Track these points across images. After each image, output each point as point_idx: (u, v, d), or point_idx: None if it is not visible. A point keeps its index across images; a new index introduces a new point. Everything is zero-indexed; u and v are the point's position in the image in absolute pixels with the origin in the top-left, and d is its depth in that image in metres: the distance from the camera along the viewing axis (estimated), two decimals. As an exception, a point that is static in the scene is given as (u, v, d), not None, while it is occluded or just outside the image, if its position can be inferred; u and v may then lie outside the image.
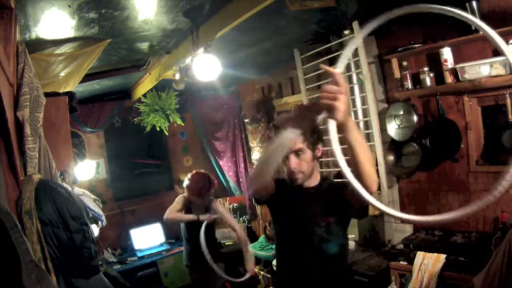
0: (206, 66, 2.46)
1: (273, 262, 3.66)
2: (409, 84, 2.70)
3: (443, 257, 2.30)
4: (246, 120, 4.53)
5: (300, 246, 1.63)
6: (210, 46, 2.36)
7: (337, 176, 3.20)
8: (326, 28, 2.85)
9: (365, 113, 2.90)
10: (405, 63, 2.69)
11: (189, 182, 3.15)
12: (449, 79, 2.44)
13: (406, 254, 2.55)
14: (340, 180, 1.66)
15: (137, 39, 2.50)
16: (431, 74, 2.58)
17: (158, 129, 4.32)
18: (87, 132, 4.42)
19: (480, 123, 2.53)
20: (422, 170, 2.82)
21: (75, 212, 1.27)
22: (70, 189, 1.60)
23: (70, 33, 2.13)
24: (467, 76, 2.33)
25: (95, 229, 2.47)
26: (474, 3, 2.20)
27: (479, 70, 2.27)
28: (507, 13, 2.20)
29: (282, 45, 3.15)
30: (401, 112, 2.77)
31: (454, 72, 2.42)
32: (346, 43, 2.84)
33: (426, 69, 2.58)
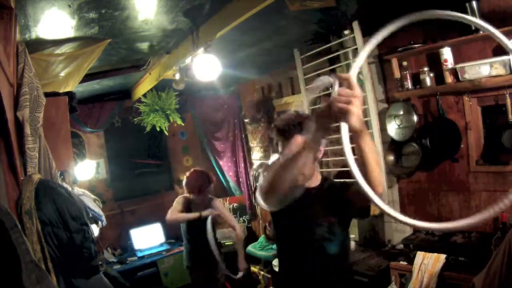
0: (206, 66, 2.46)
1: (273, 262, 3.66)
2: (409, 84, 2.70)
3: (443, 257, 2.30)
4: (246, 120, 4.53)
5: (302, 247, 1.63)
6: (210, 46, 2.36)
7: (337, 176, 3.20)
8: (326, 28, 2.85)
9: (365, 113, 2.90)
10: (405, 63, 2.69)
11: (188, 180, 3.17)
12: (449, 79, 2.44)
13: (406, 254, 2.55)
14: (341, 180, 1.66)
15: (137, 39, 2.50)
16: (431, 74, 2.58)
17: (158, 129, 4.32)
18: (87, 132, 4.42)
19: (480, 123, 2.53)
20: (422, 170, 2.82)
21: (75, 212, 1.27)
22: (70, 189, 1.60)
23: (70, 33, 2.13)
24: (467, 76, 2.33)
25: (95, 229, 2.47)
26: (474, 3, 2.20)
27: (479, 70, 2.27)
28: (507, 13, 2.20)
29: (282, 45, 3.15)
30: (401, 112, 2.77)
31: (454, 72, 2.42)
32: (346, 43, 2.84)
33: (426, 69, 2.58)
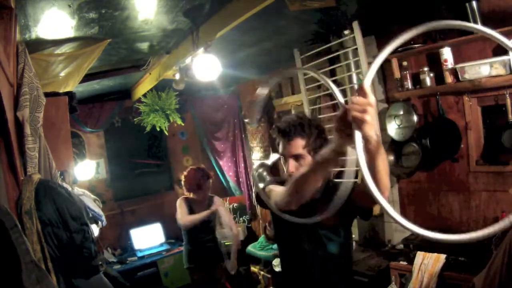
0: (206, 66, 2.46)
1: (273, 262, 3.66)
2: (409, 84, 2.70)
3: (443, 257, 2.30)
4: (246, 120, 4.53)
5: (304, 247, 1.63)
6: (210, 46, 2.36)
7: (338, 176, 3.20)
8: (326, 28, 2.85)
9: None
10: (405, 63, 2.69)
11: (186, 179, 3.18)
12: (449, 79, 2.44)
13: (406, 254, 2.55)
14: (344, 181, 1.65)
15: (137, 39, 2.50)
16: (431, 74, 2.58)
17: (158, 129, 4.32)
18: (87, 132, 4.42)
19: (480, 123, 2.53)
20: (422, 170, 2.82)
21: (75, 212, 1.27)
22: (70, 189, 1.60)
23: (70, 33, 2.12)
24: (467, 76, 2.33)
25: (95, 229, 2.47)
26: (474, 3, 2.20)
27: (479, 70, 2.27)
28: (507, 13, 2.19)
29: (282, 45, 3.15)
30: (401, 112, 2.77)
31: (454, 72, 2.42)
32: (346, 43, 2.84)
33: (426, 69, 2.58)
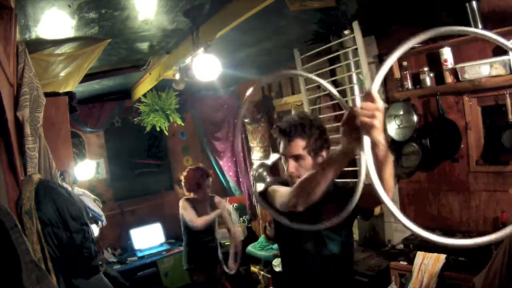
0: (206, 66, 2.46)
1: (273, 262, 3.66)
2: (409, 84, 2.70)
3: (443, 257, 2.30)
4: (246, 120, 4.53)
5: (305, 247, 1.62)
6: (210, 46, 2.36)
7: (338, 176, 3.19)
8: (326, 28, 2.85)
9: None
10: (405, 63, 2.69)
11: (186, 179, 3.19)
12: (449, 79, 2.44)
13: (406, 254, 2.55)
14: (345, 181, 1.65)
15: (137, 39, 2.50)
16: (431, 74, 2.57)
17: (158, 129, 4.32)
18: (87, 132, 4.42)
19: (480, 123, 2.53)
20: (422, 170, 2.82)
21: (75, 212, 1.27)
22: (70, 189, 1.60)
23: (70, 33, 2.12)
24: (467, 76, 2.33)
25: (95, 229, 2.47)
26: (474, 3, 2.20)
27: (479, 70, 2.27)
28: (507, 13, 2.19)
29: (282, 45, 3.15)
30: (401, 112, 2.77)
31: (454, 72, 2.41)
32: (346, 43, 2.84)
33: (426, 69, 2.58)
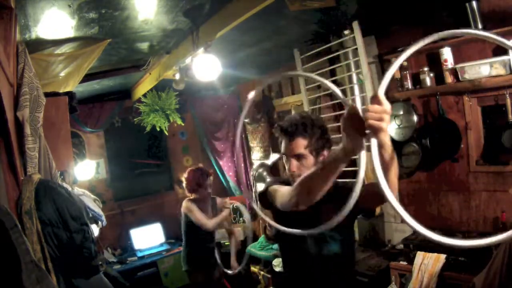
0: (206, 66, 2.46)
1: (273, 262, 3.66)
2: (409, 84, 2.70)
3: (443, 257, 2.30)
4: (246, 120, 4.53)
5: (307, 248, 1.62)
6: (210, 46, 2.36)
7: (339, 176, 3.20)
8: (326, 28, 2.85)
9: (365, 113, 2.90)
10: (405, 63, 2.69)
11: (187, 181, 3.20)
12: (449, 79, 2.44)
13: (406, 254, 2.55)
14: (347, 180, 1.65)
15: (137, 39, 2.50)
16: (431, 74, 2.58)
17: (158, 129, 4.32)
18: (87, 132, 4.42)
19: (480, 123, 2.54)
20: (422, 170, 2.82)
21: (75, 212, 1.27)
22: (70, 189, 1.60)
23: (70, 33, 2.12)
24: (467, 76, 2.33)
25: (95, 229, 2.47)
26: (474, 3, 2.20)
27: (479, 70, 2.27)
28: (507, 13, 2.20)
29: (282, 45, 3.15)
30: (401, 112, 2.77)
31: (454, 72, 2.42)
32: (346, 43, 2.84)
33: (426, 69, 2.58)
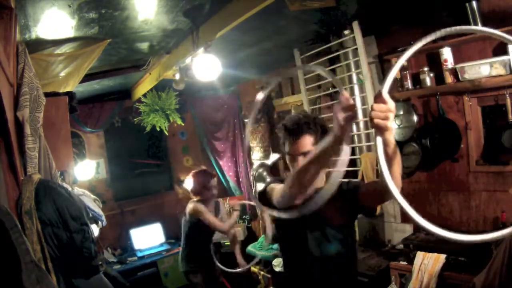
0: (206, 66, 2.46)
1: (273, 262, 3.66)
2: (409, 84, 2.70)
3: (443, 257, 2.30)
4: (246, 120, 4.53)
5: (309, 248, 1.61)
6: (210, 46, 2.36)
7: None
8: (326, 28, 2.85)
9: (365, 113, 2.90)
10: (405, 63, 2.69)
11: (193, 183, 3.20)
12: (449, 79, 2.44)
13: (406, 254, 2.55)
14: (349, 180, 1.65)
15: (137, 39, 2.50)
16: (431, 74, 2.58)
17: (158, 129, 4.32)
18: (87, 132, 4.42)
19: (480, 123, 2.54)
20: (422, 170, 2.82)
21: (75, 212, 1.27)
22: (70, 189, 1.60)
23: (70, 33, 2.12)
24: (467, 76, 2.33)
25: (95, 229, 2.47)
26: (474, 3, 2.20)
27: (479, 70, 2.27)
28: (507, 13, 2.20)
29: (282, 45, 3.15)
30: (401, 112, 2.77)
31: (454, 72, 2.42)
32: (346, 43, 2.84)
33: (426, 69, 2.58)
